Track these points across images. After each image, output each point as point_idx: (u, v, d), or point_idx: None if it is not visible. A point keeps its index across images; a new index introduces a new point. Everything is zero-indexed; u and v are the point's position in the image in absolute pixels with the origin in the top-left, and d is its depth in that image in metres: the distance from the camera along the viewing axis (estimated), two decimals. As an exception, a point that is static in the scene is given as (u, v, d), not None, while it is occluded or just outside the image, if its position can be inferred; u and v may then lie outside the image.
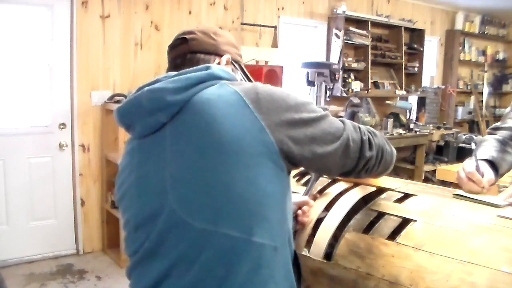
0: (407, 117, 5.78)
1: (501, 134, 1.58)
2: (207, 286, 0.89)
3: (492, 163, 1.43)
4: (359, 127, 1.05)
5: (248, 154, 0.89)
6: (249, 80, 1.17)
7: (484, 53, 7.15)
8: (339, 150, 0.99)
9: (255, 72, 3.84)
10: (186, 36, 1.10)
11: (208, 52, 1.10)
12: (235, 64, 1.15)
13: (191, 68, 0.98)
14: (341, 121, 1.04)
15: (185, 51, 1.09)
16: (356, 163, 1.04)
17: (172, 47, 1.12)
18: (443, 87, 6.48)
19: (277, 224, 0.94)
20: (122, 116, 1.01)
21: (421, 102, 6.08)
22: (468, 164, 1.41)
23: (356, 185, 1.37)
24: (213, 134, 0.90)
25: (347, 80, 5.06)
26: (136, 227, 0.99)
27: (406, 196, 1.30)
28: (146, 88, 0.96)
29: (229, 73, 1.01)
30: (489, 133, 1.63)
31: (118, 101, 3.52)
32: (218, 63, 1.09)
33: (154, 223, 0.94)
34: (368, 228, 1.20)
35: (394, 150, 1.16)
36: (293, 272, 1.03)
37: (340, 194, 1.34)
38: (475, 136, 5.71)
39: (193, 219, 0.90)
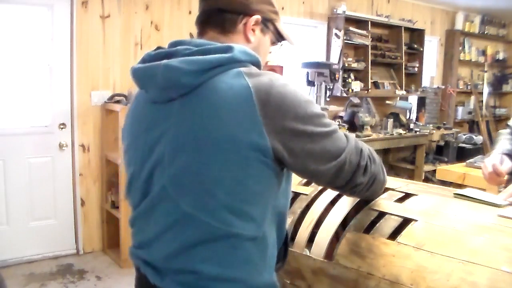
0: (407, 117, 5.77)
1: None
2: (191, 256, 0.94)
3: (509, 156, 1.57)
4: (362, 150, 1.02)
5: (242, 156, 0.90)
6: (282, 38, 1.13)
7: (484, 53, 7.14)
8: (332, 170, 0.98)
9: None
10: None
11: (236, 12, 1.03)
12: (267, 24, 1.08)
13: (213, 46, 0.95)
14: (347, 138, 1.01)
15: (213, 8, 1.04)
16: (344, 184, 1.03)
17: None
18: (443, 87, 6.48)
19: (260, 218, 0.97)
20: (137, 79, 1.02)
21: (421, 102, 6.08)
22: (493, 157, 1.54)
23: (356, 184, 1.37)
24: (212, 129, 0.90)
25: (347, 80, 5.05)
26: (136, 186, 1.04)
27: (407, 195, 1.30)
28: (164, 63, 0.93)
29: (252, 55, 0.97)
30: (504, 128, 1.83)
31: (118, 101, 3.52)
32: (245, 24, 1.03)
33: (149, 189, 1.00)
34: (369, 228, 1.20)
35: (386, 179, 1.15)
36: (276, 254, 1.07)
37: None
38: (475, 136, 5.71)
39: (181, 200, 0.94)
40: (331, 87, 4.81)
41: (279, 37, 1.13)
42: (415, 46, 5.82)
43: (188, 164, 0.92)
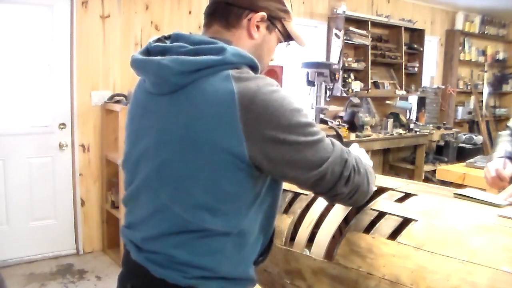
0: (407, 117, 5.77)
1: None
2: (165, 242, 1.00)
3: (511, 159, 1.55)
4: (346, 161, 1.00)
5: (218, 158, 0.92)
6: (290, 39, 1.12)
7: (484, 53, 7.14)
8: (312, 178, 0.97)
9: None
10: None
11: (242, 6, 1.03)
12: (274, 22, 1.07)
13: (206, 46, 0.96)
14: (332, 147, 0.98)
15: (220, 0, 1.04)
16: (325, 192, 1.02)
17: None
18: (443, 87, 6.48)
19: (235, 216, 0.98)
20: (134, 69, 1.04)
21: (421, 102, 6.08)
22: (496, 161, 1.51)
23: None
24: (193, 130, 0.93)
25: (347, 80, 5.05)
26: (128, 166, 1.10)
27: (407, 195, 1.30)
28: (156, 60, 0.96)
29: (246, 57, 0.97)
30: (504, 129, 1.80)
31: (118, 101, 3.52)
32: (250, 20, 1.03)
33: (137, 174, 1.05)
34: (369, 228, 1.20)
35: (371, 189, 1.11)
36: (261, 249, 1.10)
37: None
38: (475, 136, 5.71)
39: (160, 191, 0.99)
40: (331, 87, 4.81)
41: (286, 36, 1.12)
42: (415, 46, 5.82)
43: (169, 159, 0.97)
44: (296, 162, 0.94)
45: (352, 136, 4.65)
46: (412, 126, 5.46)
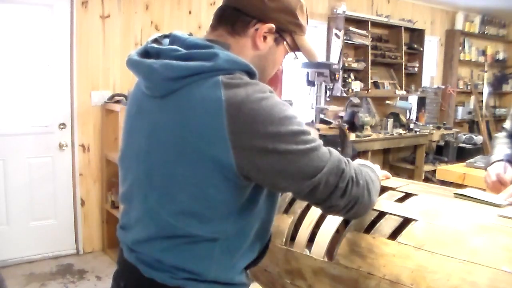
0: (407, 117, 5.77)
1: (508, 130, 1.73)
2: (153, 246, 1.00)
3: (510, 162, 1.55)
4: (343, 172, 0.96)
5: (205, 167, 0.91)
6: (296, 49, 1.08)
7: (484, 53, 7.14)
8: (305, 189, 0.94)
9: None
10: None
11: (250, 15, 0.99)
12: (283, 35, 1.03)
13: (198, 52, 0.93)
14: (330, 157, 0.95)
15: (229, 5, 1.02)
16: (320, 203, 0.99)
17: None
18: (443, 87, 6.48)
19: (223, 222, 0.97)
20: (130, 68, 1.03)
21: (421, 102, 6.08)
22: (496, 166, 1.50)
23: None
24: (181, 137, 0.91)
25: (347, 80, 5.06)
26: (122, 164, 1.11)
27: (407, 195, 1.30)
28: (147, 64, 0.95)
29: (239, 63, 0.94)
30: (500, 131, 1.80)
31: (118, 101, 3.52)
32: (257, 30, 1.00)
33: (129, 174, 1.06)
34: (369, 228, 1.20)
35: (374, 200, 1.08)
36: (255, 255, 1.09)
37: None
38: (475, 136, 5.71)
39: (149, 194, 0.99)
40: (331, 87, 4.81)
41: (295, 50, 1.08)
42: (415, 46, 5.82)
43: (158, 164, 0.96)
44: (287, 172, 0.91)
45: (352, 136, 4.65)
46: (412, 126, 5.46)
